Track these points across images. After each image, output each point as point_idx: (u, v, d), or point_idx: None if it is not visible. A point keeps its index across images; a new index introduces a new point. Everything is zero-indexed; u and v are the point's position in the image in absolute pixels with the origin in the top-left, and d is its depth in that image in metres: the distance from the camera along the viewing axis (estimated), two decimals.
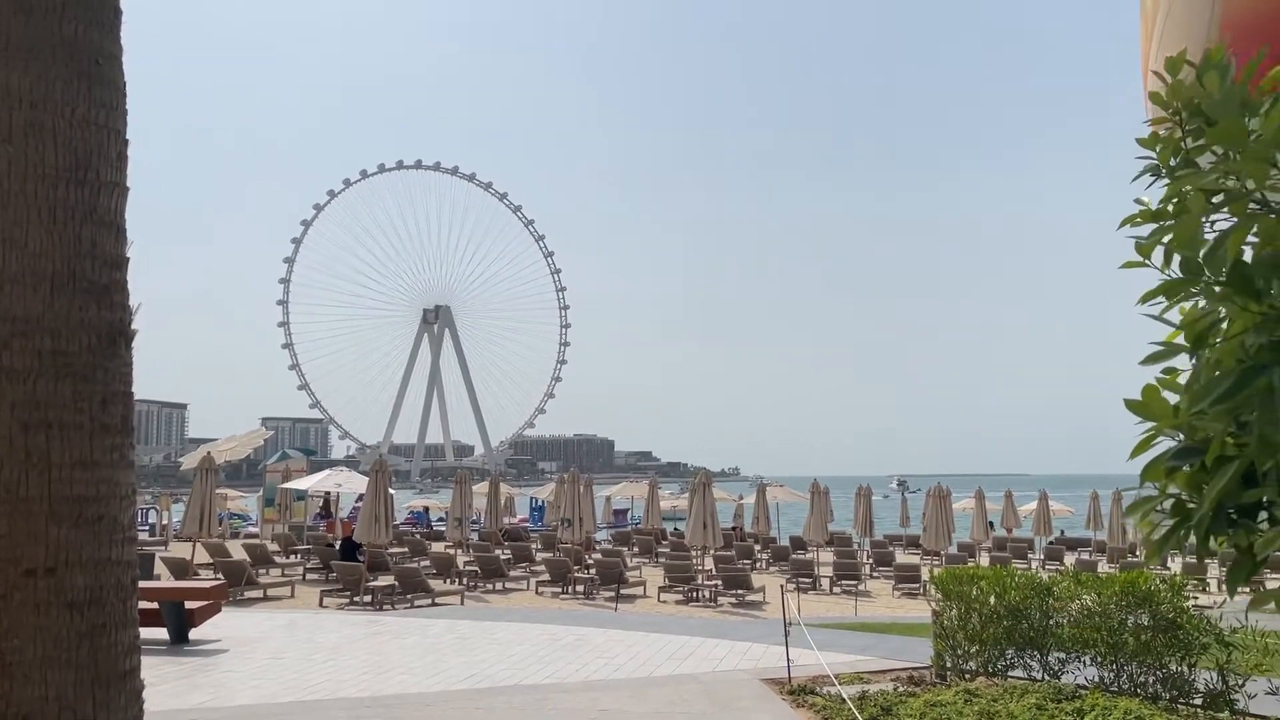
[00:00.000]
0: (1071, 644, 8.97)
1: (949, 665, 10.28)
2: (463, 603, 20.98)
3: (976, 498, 34.02)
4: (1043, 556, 36.34)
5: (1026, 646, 9.38)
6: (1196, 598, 8.53)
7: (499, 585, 24.86)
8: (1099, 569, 30.65)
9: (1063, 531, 43.07)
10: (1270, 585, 21.90)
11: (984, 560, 31.58)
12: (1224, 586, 8.75)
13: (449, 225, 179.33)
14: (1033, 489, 48.97)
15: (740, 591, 23.84)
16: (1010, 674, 9.66)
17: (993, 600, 9.89)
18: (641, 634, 15.22)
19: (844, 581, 27.12)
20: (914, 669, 11.33)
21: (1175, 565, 32.71)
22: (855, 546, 35.67)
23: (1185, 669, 8.16)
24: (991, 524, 38.12)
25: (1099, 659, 8.76)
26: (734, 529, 37.28)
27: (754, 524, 35.56)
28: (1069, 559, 35.48)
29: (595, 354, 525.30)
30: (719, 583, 24.49)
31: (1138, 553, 36.64)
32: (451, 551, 28.21)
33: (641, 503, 43.41)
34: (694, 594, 24.04)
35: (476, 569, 25.28)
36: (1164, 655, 8.24)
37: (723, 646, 13.91)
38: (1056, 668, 9.28)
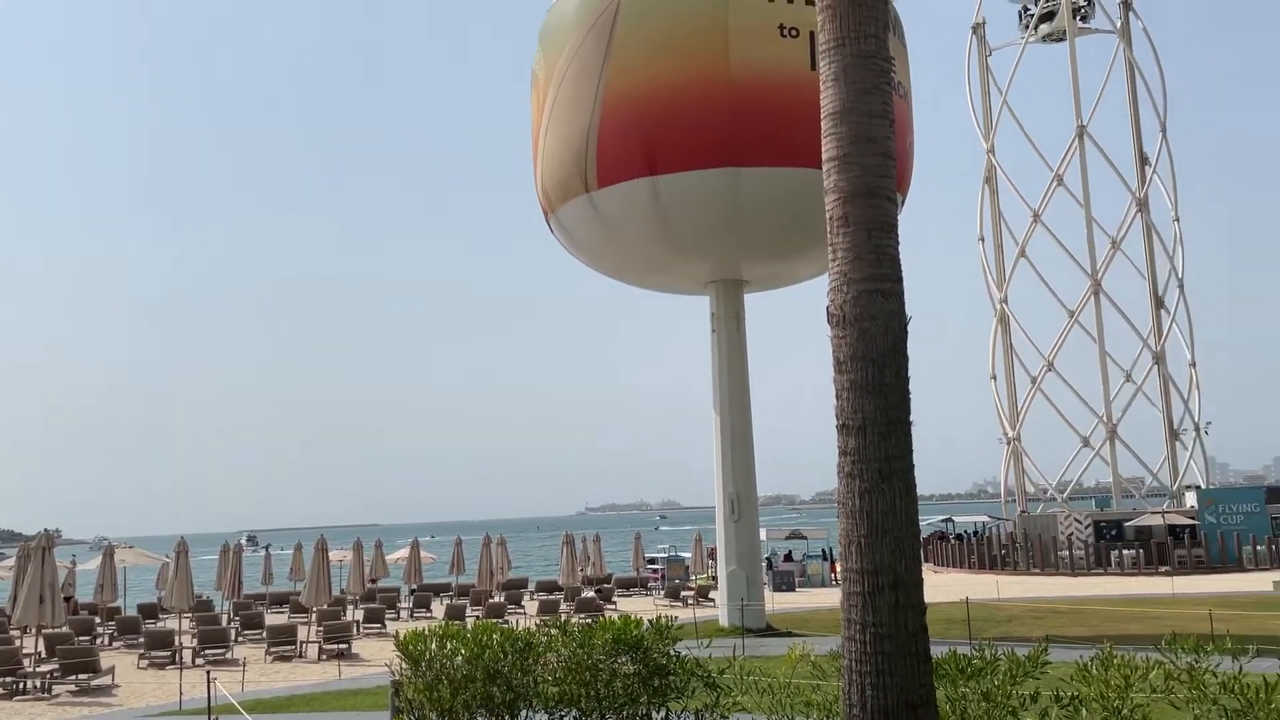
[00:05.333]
0: (555, 701, 8.36)
1: None
2: None
3: (355, 549, 32.94)
4: (411, 604, 36.49)
5: (504, 710, 8.56)
6: (679, 639, 8.46)
7: None
8: (466, 612, 31.55)
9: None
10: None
11: (358, 614, 30.56)
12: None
13: None
14: (381, 538, 49.29)
15: (85, 675, 19.68)
16: None
17: (459, 660, 8.89)
18: None
19: (209, 650, 23.97)
20: None
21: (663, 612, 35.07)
22: (219, 611, 32.17)
23: (672, 714, 8.02)
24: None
25: (582, 714, 8.26)
26: (67, 600, 31.19)
27: (96, 593, 30.10)
28: (436, 605, 36.10)
29: None
30: (56, 668, 20.01)
31: (496, 595, 38.69)
32: None
33: None
34: (19, 685, 19.30)
35: None
36: (650, 703, 8.02)
37: None
38: None
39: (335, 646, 23.88)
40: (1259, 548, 40.59)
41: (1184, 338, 50.36)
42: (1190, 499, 46.44)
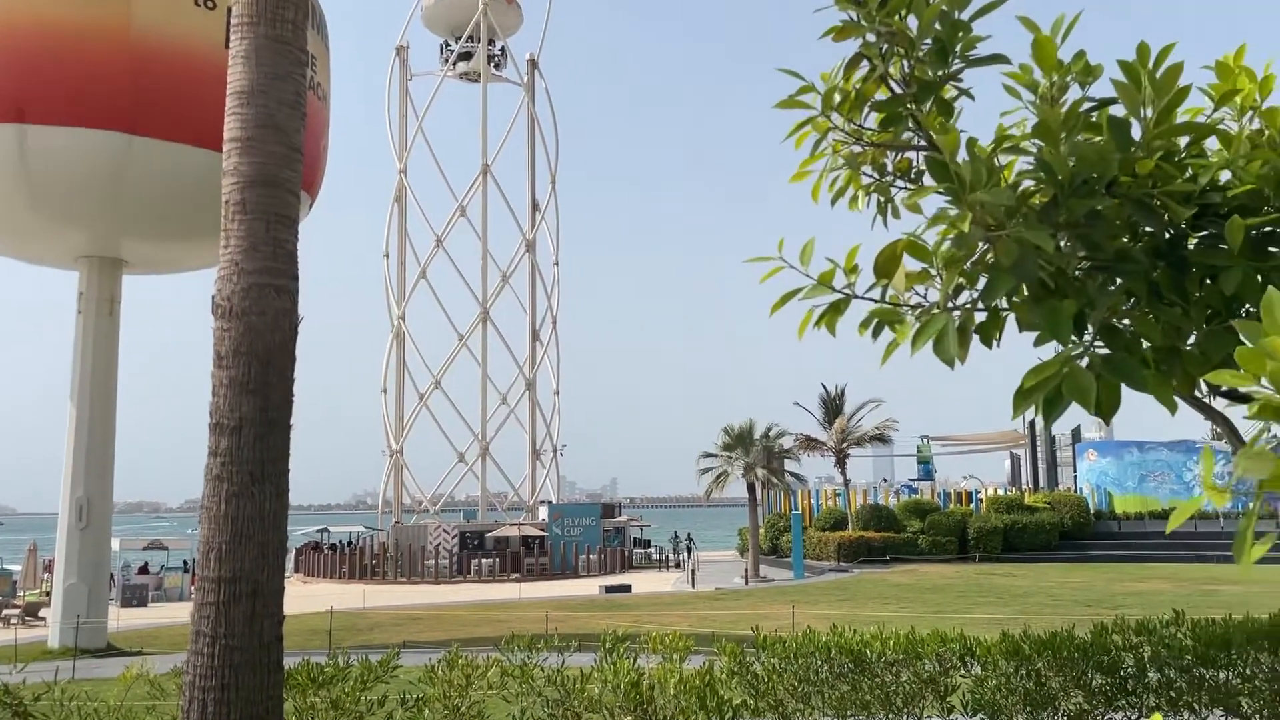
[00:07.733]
0: None
1: None
2: None
3: None
4: None
5: None
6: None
7: None
8: None
9: None
10: None
11: None
12: None
13: None
14: None
15: None
16: None
17: None
18: None
19: None
20: None
21: None
22: None
23: None
24: None
25: None
26: None
27: None
28: None
29: None
30: None
31: None
32: None
33: None
34: None
35: None
36: None
37: None
38: None
39: None
40: (592, 556, 46.83)
41: (553, 369, 56.60)
42: (543, 513, 52.09)
